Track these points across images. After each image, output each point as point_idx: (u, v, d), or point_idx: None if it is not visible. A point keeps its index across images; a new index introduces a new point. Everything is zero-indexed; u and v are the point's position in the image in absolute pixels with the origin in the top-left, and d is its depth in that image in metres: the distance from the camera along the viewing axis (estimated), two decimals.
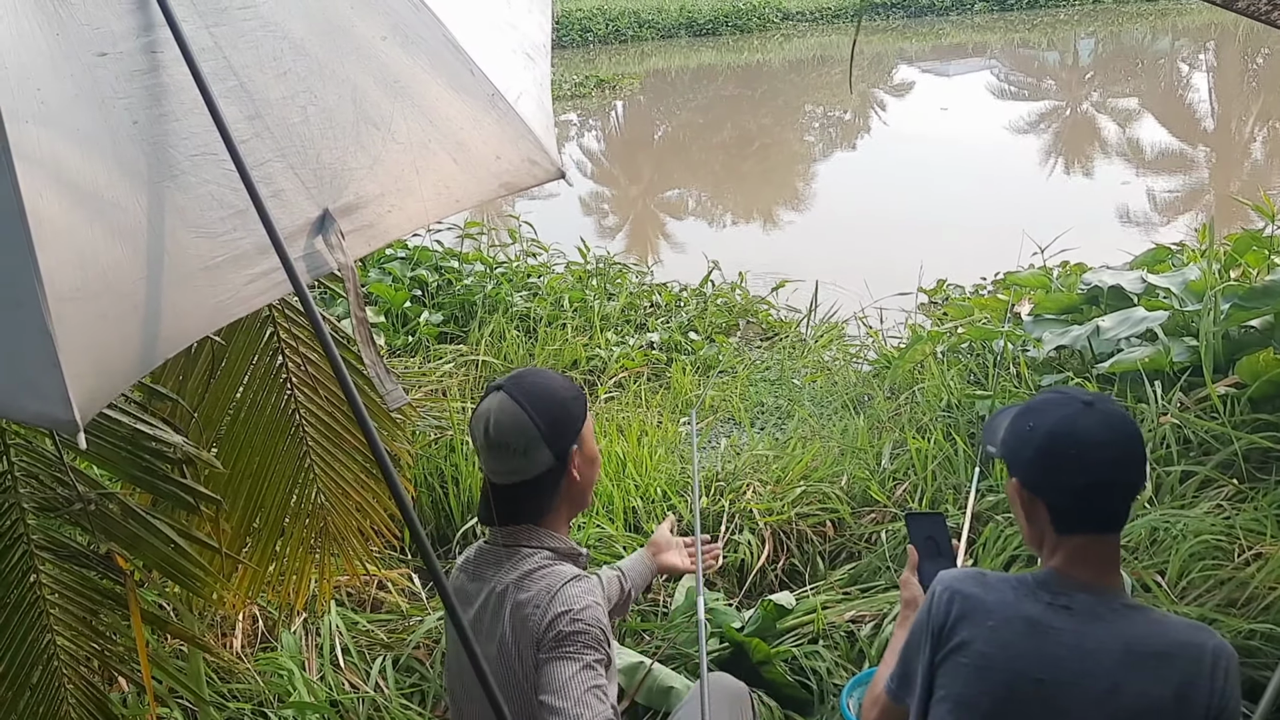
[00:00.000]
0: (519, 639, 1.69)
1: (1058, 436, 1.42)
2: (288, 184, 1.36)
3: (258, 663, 2.90)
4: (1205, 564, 2.79)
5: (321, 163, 1.40)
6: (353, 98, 1.44)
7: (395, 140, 1.48)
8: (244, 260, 1.32)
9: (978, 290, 6.38)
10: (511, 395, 1.76)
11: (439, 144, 1.53)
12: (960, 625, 1.46)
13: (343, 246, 1.37)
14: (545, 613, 1.67)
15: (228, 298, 1.30)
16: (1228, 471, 3.17)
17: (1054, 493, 1.45)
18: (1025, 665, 1.41)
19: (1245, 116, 13.98)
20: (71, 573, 1.86)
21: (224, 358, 2.23)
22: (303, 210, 1.37)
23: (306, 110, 1.39)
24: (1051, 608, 1.43)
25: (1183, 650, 1.39)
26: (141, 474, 1.87)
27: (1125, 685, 1.38)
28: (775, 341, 5.82)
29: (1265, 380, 3.25)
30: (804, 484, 3.72)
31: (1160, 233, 8.22)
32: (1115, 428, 1.41)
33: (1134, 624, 1.41)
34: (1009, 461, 1.51)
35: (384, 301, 5.73)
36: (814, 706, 2.81)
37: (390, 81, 1.49)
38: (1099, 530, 1.44)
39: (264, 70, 1.36)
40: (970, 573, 1.52)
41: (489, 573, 1.80)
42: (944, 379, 4.39)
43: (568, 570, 1.76)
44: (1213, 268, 4.13)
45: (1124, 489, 1.43)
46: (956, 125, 14.45)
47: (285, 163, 1.36)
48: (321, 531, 2.56)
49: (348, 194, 1.42)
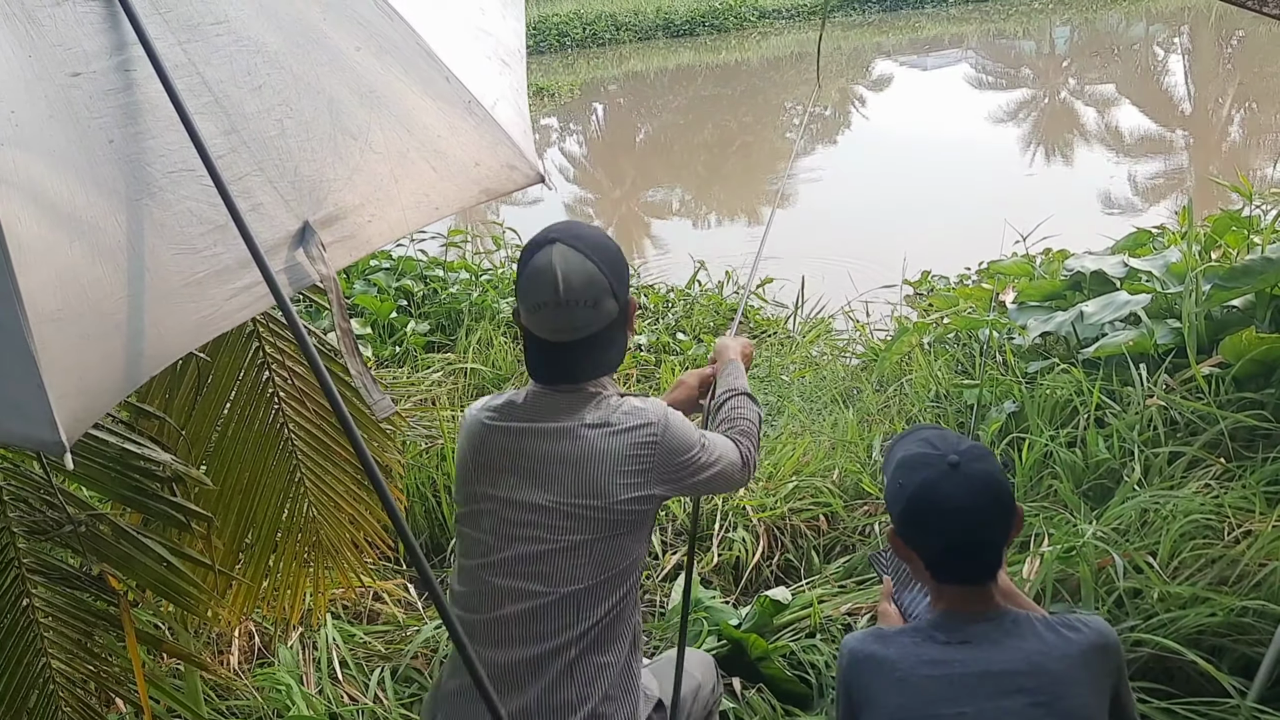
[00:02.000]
0: (622, 466, 1.68)
1: (921, 500, 1.49)
2: (267, 197, 1.36)
3: (255, 678, 2.89)
4: (1196, 543, 2.81)
5: (300, 175, 1.40)
6: (329, 109, 1.45)
7: (373, 150, 1.48)
8: (226, 275, 1.32)
9: (962, 280, 6.41)
10: (574, 247, 1.66)
11: (417, 152, 1.53)
12: (869, 687, 1.50)
13: (324, 258, 1.37)
14: (664, 433, 1.71)
15: (211, 313, 1.30)
16: (1215, 451, 3.19)
17: (922, 549, 1.52)
18: (941, 705, 1.44)
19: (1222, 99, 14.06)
20: (64, 595, 1.86)
21: (210, 374, 2.23)
22: (283, 223, 1.37)
23: (283, 123, 1.39)
24: (950, 645, 1.48)
25: (1092, 644, 1.46)
26: (131, 493, 1.87)
27: (1050, 695, 1.41)
28: (763, 338, 5.84)
29: (1248, 359, 3.28)
30: (796, 479, 3.73)
31: (1141, 217, 8.27)
32: (977, 490, 1.47)
33: (1034, 637, 1.46)
34: (890, 511, 1.57)
35: (370, 312, 5.72)
36: (813, 700, 2.81)
37: (366, 92, 1.49)
38: (971, 583, 1.50)
39: (239, 85, 1.36)
40: (869, 633, 1.57)
41: (558, 416, 1.71)
42: (931, 370, 4.41)
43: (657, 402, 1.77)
44: (1193, 249, 4.16)
45: (986, 548, 1.49)
46: (936, 117, 14.49)
47: (264, 176, 1.36)
48: (315, 545, 2.55)
49: (327, 205, 1.42)
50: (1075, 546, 2.82)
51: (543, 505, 1.67)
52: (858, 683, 1.51)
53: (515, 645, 1.65)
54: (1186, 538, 2.83)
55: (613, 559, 1.68)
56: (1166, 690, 2.49)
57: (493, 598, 1.68)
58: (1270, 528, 2.72)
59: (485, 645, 1.67)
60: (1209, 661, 2.50)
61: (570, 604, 1.66)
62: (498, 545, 1.69)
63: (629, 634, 1.75)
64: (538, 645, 1.65)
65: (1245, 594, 2.63)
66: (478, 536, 1.72)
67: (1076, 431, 3.49)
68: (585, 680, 1.66)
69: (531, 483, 1.69)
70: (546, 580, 1.66)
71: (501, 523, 1.70)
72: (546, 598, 1.65)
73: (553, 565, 1.66)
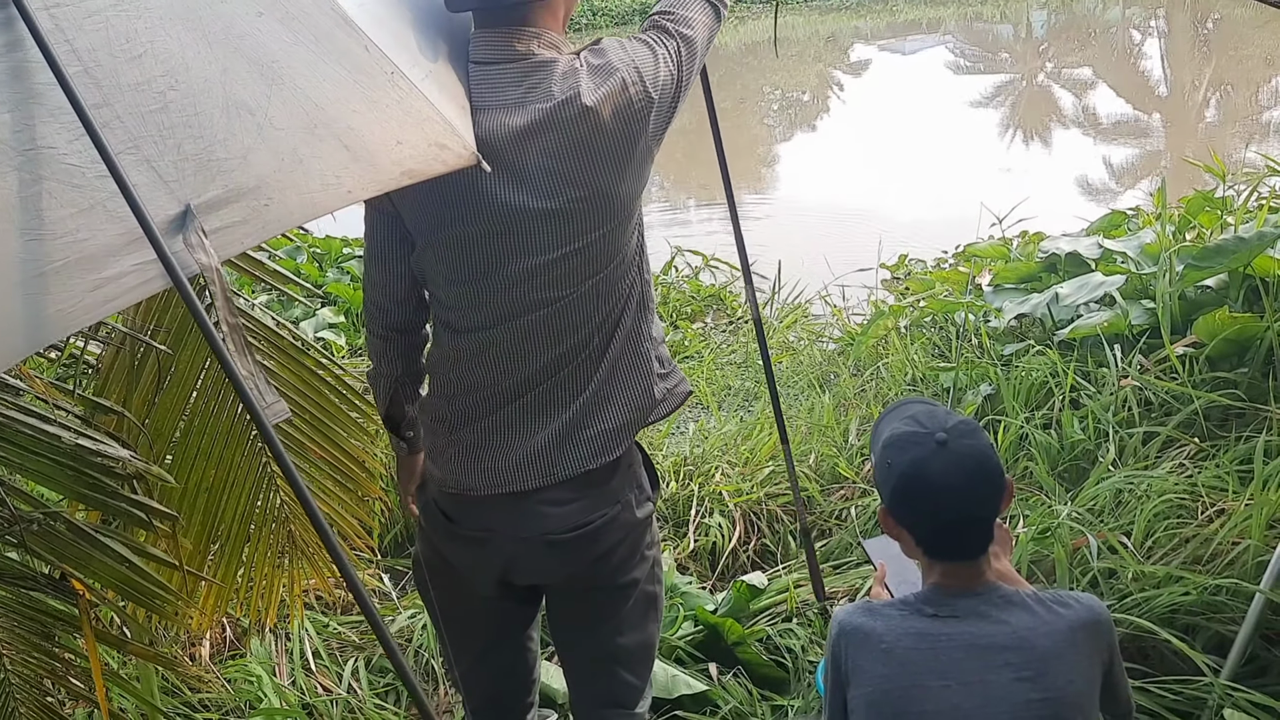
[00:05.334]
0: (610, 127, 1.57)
1: (910, 478, 1.48)
2: (142, 178, 1.21)
3: (226, 671, 2.86)
4: (1170, 523, 2.82)
5: (183, 153, 1.25)
6: (222, 81, 1.30)
7: (273, 126, 1.33)
8: (88, 264, 1.18)
9: (939, 264, 6.41)
10: None
11: (326, 129, 1.37)
12: (855, 658, 1.50)
13: (205, 245, 1.22)
14: (639, 63, 1.60)
15: (69, 306, 1.16)
16: (1189, 431, 3.20)
17: (912, 527, 1.52)
18: (926, 677, 1.44)
19: (1198, 81, 14.12)
20: (19, 595, 1.82)
21: (171, 366, 2.18)
22: (161, 206, 1.22)
23: (165, 96, 1.25)
24: (938, 619, 1.48)
25: (1082, 621, 1.46)
26: (88, 491, 1.82)
27: (1035, 670, 1.42)
28: (740, 325, 5.82)
29: (1222, 339, 3.28)
30: (772, 464, 3.71)
31: (1118, 199, 8.30)
32: (966, 468, 1.46)
33: (1023, 612, 1.46)
34: (879, 491, 1.57)
35: (344, 301, 5.67)
36: (790, 684, 2.81)
37: (267, 62, 1.34)
38: (961, 559, 1.50)
39: (114, 54, 1.23)
40: (858, 605, 1.56)
41: (510, 93, 1.56)
42: (908, 353, 4.41)
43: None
44: (1167, 230, 4.16)
45: (976, 524, 1.49)
46: (914, 102, 14.49)
47: (139, 154, 1.22)
48: (287, 540, 2.51)
49: (214, 187, 1.26)
50: (1050, 527, 2.83)
51: (545, 210, 1.58)
52: (846, 654, 1.51)
53: (542, 349, 1.64)
54: (1160, 517, 2.84)
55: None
56: (1141, 669, 2.49)
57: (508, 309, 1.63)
58: (1243, 507, 2.73)
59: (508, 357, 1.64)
60: (1183, 640, 2.50)
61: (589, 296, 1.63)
62: (504, 260, 1.61)
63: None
64: (564, 341, 1.64)
65: (1219, 573, 2.63)
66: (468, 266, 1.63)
67: (1051, 413, 3.49)
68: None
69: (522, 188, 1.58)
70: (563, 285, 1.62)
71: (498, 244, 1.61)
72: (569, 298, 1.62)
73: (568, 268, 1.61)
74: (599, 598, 1.81)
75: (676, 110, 1.67)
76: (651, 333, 1.74)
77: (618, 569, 1.78)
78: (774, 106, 16.22)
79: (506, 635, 1.93)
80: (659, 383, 1.74)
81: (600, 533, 1.72)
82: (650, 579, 1.84)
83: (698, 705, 2.68)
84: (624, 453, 1.72)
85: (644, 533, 1.80)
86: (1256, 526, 2.63)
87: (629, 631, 1.85)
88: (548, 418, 1.65)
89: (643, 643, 1.89)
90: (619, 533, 1.74)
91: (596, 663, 1.88)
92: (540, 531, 1.70)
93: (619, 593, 1.80)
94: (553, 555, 1.73)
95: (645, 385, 1.70)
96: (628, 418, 1.69)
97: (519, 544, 1.73)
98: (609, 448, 1.68)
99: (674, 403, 1.81)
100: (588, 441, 1.66)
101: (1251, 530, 2.64)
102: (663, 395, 1.74)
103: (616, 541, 1.74)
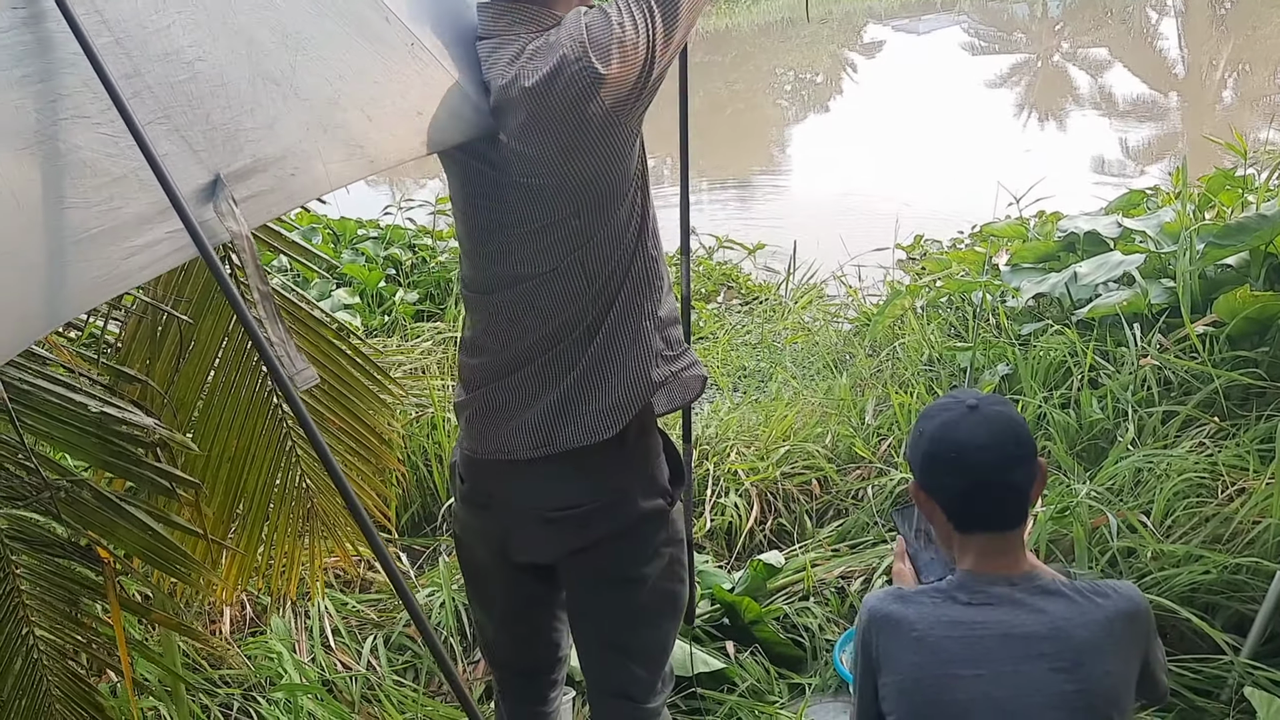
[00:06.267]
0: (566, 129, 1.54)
1: (939, 440, 1.47)
2: (173, 147, 1.23)
3: (246, 647, 2.88)
4: (1189, 502, 2.81)
5: (212, 123, 1.27)
6: (247, 51, 1.31)
7: (298, 96, 1.34)
8: (122, 232, 1.19)
9: (955, 244, 6.37)
10: None
11: (349, 100, 1.39)
12: (887, 645, 1.48)
13: (235, 214, 1.24)
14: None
15: (105, 273, 1.18)
16: (1209, 410, 3.18)
17: (942, 493, 1.49)
18: (958, 666, 1.42)
19: (1215, 61, 13.98)
20: (48, 563, 1.83)
21: (193, 337, 2.18)
22: (191, 176, 1.24)
23: (194, 66, 1.26)
24: (972, 606, 1.45)
25: (1120, 612, 1.43)
26: (114, 459, 1.83)
27: (1071, 661, 1.39)
28: (755, 305, 5.81)
29: (1243, 317, 3.26)
30: (788, 444, 3.71)
31: (1135, 180, 8.23)
32: (996, 431, 1.44)
33: (1060, 602, 1.44)
34: (910, 465, 1.55)
35: (358, 282, 5.67)
36: (807, 663, 2.81)
37: (291, 32, 1.35)
38: (995, 529, 1.48)
39: (144, 24, 1.23)
40: (888, 592, 1.55)
41: (506, 71, 1.56)
42: (924, 334, 4.39)
43: None
44: (1187, 208, 4.13)
45: (1007, 489, 1.46)
46: (928, 82, 14.39)
47: (170, 124, 1.23)
48: (309, 515, 2.52)
49: (243, 157, 1.28)
50: (1069, 507, 2.82)
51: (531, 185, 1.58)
52: (876, 641, 1.49)
53: (537, 322, 1.65)
54: (1180, 496, 2.83)
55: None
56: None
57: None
58: (1264, 485, 2.71)
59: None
60: (1203, 619, 2.50)
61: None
62: (495, 230, 1.64)
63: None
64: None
65: (1239, 551, 2.63)
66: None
67: (1070, 393, 3.48)
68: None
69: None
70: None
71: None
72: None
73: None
74: (605, 589, 1.79)
75: (648, 81, 1.58)
76: (657, 313, 1.70)
77: (623, 561, 1.75)
78: (787, 87, 16.13)
79: (524, 609, 1.92)
80: (661, 365, 1.69)
81: (591, 517, 1.70)
82: (667, 576, 1.79)
83: (715, 683, 2.69)
84: (626, 438, 1.68)
85: (656, 528, 1.75)
86: (1277, 505, 2.62)
87: (639, 627, 1.83)
88: (544, 390, 1.66)
89: (655, 640, 1.86)
90: (615, 522, 1.71)
91: (604, 652, 1.86)
92: (532, 504, 1.71)
93: (628, 586, 1.77)
94: (544, 532, 1.73)
95: (641, 366, 1.66)
96: (621, 397, 1.65)
97: (514, 515, 1.74)
98: (602, 426, 1.65)
99: (682, 389, 1.77)
100: (582, 418, 1.65)
101: (1272, 509, 2.63)
102: (664, 378, 1.69)
103: (614, 531, 1.71)
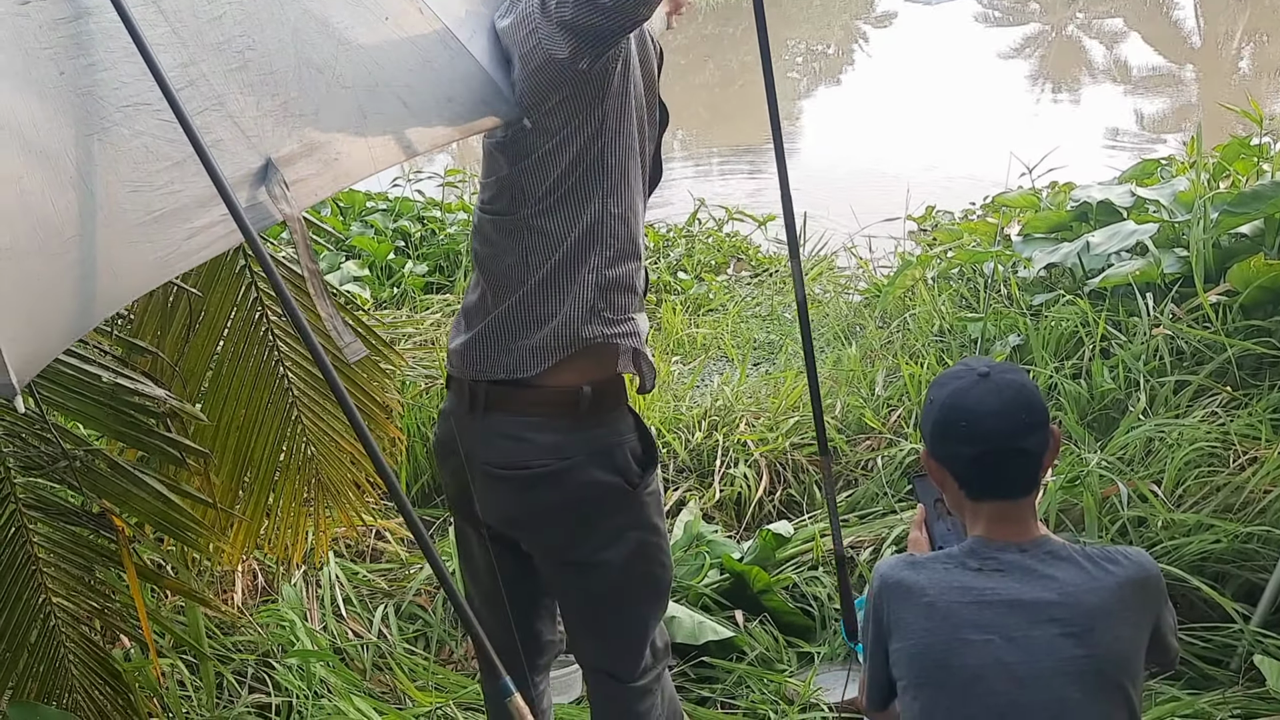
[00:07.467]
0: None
1: (950, 408, 1.46)
2: (227, 133, 1.31)
3: (259, 615, 2.91)
4: (1200, 471, 2.80)
5: (262, 110, 1.35)
6: (293, 41, 1.39)
7: (340, 84, 1.43)
8: (183, 214, 1.28)
9: (967, 215, 6.33)
10: None
11: (386, 87, 1.47)
12: (898, 611, 1.48)
13: (287, 196, 1.32)
14: None
15: (168, 253, 1.27)
16: (1221, 379, 3.17)
17: (953, 462, 1.48)
18: (968, 631, 1.43)
19: (1231, 32, 13.80)
20: (64, 531, 1.85)
21: (202, 310, 2.20)
22: (244, 160, 1.32)
23: (244, 55, 1.34)
24: (982, 572, 1.45)
25: (1131, 579, 1.43)
26: (126, 429, 1.85)
27: (1081, 627, 1.40)
28: (765, 277, 5.79)
29: (1257, 286, 3.23)
30: (798, 415, 3.71)
31: (1149, 150, 8.15)
32: (1007, 398, 1.44)
33: (1071, 568, 1.44)
34: (922, 433, 1.56)
35: (367, 255, 5.67)
36: (816, 632, 2.83)
37: (333, 23, 1.43)
38: (1006, 496, 1.47)
39: (197, 15, 1.31)
40: (900, 558, 1.55)
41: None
42: (935, 304, 4.37)
43: None
44: (1201, 177, 4.09)
45: (1018, 455, 1.45)
46: (941, 54, 14.25)
47: (224, 111, 1.31)
48: (315, 484, 2.54)
49: (291, 142, 1.36)
50: (1079, 476, 2.81)
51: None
52: (888, 607, 1.49)
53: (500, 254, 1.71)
54: (1191, 466, 2.82)
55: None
56: None
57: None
58: (1276, 454, 2.70)
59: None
60: (1213, 588, 2.50)
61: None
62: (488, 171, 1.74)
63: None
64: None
65: (1250, 520, 2.62)
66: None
67: (1081, 363, 3.46)
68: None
69: None
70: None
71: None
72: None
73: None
74: (567, 573, 1.78)
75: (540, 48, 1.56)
76: (603, 269, 1.67)
77: (578, 542, 1.73)
78: (798, 59, 16.00)
79: (508, 588, 1.85)
80: (594, 323, 1.66)
81: (538, 482, 1.68)
82: (639, 561, 1.76)
83: (724, 651, 2.71)
84: (579, 406, 1.67)
85: (614, 509, 1.72)
86: None
87: (609, 613, 1.81)
88: (489, 311, 1.72)
89: (628, 624, 1.82)
90: (561, 492, 1.69)
91: (578, 631, 1.85)
92: (482, 459, 1.72)
93: (589, 571, 1.74)
94: (494, 491, 1.72)
95: (569, 315, 1.65)
96: (549, 339, 1.66)
97: (471, 468, 1.74)
98: (530, 362, 1.67)
99: (614, 356, 1.71)
100: (515, 351, 1.68)
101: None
102: (594, 336, 1.66)
103: (560, 503, 1.70)
